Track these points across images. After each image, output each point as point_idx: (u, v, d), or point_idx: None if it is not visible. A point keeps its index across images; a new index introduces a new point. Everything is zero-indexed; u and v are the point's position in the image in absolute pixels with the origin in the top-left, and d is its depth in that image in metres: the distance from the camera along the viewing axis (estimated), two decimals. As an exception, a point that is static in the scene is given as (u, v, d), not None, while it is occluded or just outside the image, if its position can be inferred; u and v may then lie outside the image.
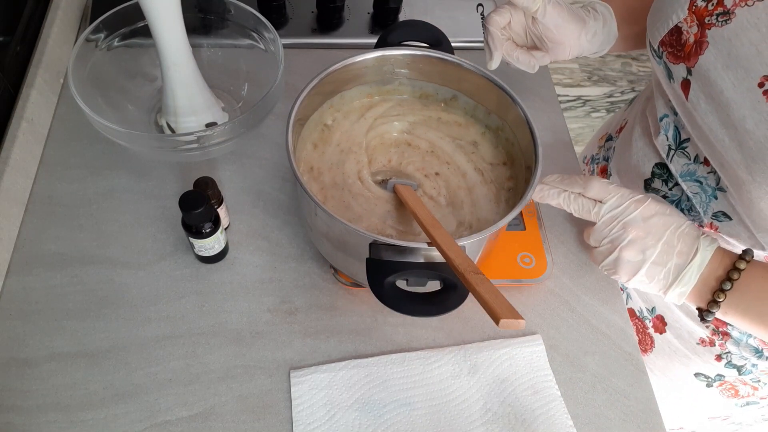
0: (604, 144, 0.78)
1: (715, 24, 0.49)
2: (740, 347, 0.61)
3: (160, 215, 0.61)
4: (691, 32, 0.51)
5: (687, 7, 0.52)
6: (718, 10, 0.49)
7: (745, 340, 0.61)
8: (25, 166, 0.60)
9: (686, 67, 0.52)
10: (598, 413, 0.53)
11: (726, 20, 0.48)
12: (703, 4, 0.50)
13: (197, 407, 0.51)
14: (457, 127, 0.60)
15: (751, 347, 0.61)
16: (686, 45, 0.52)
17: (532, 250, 0.60)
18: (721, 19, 0.48)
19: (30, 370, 0.51)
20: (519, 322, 0.35)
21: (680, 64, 0.53)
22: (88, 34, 0.60)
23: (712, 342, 0.63)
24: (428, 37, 0.58)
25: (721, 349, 0.63)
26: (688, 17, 0.52)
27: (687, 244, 0.49)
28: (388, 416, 0.51)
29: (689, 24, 0.51)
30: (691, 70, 0.52)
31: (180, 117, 0.62)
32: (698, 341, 0.65)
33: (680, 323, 0.66)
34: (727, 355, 0.63)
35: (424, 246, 0.44)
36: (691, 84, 0.52)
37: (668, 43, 0.54)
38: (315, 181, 0.55)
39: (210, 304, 0.56)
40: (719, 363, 0.64)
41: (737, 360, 0.63)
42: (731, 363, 0.63)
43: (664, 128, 0.60)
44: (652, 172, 0.63)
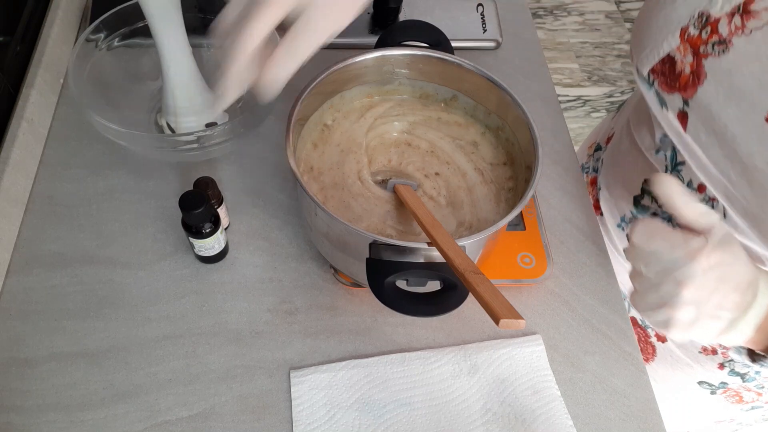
0: (593, 153, 0.76)
1: (711, 54, 0.46)
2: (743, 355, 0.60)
3: (160, 215, 0.61)
4: (686, 62, 0.48)
5: (678, 35, 0.48)
6: (713, 39, 0.46)
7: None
8: (25, 166, 0.60)
9: (682, 98, 0.49)
10: (598, 413, 0.53)
11: (723, 50, 0.45)
12: (695, 32, 0.47)
13: (197, 407, 0.51)
14: (457, 127, 0.60)
15: None
16: (681, 76, 0.49)
17: (532, 250, 0.60)
18: (718, 48, 0.45)
19: (30, 370, 0.51)
20: (519, 322, 0.35)
21: (675, 94, 0.50)
22: (88, 34, 0.60)
23: (714, 351, 0.63)
24: (428, 37, 0.58)
25: (724, 358, 0.62)
26: (680, 46, 0.48)
27: (746, 291, 0.42)
28: (388, 416, 0.51)
29: (683, 53, 0.48)
30: (689, 101, 0.49)
31: (180, 117, 0.62)
32: (700, 350, 0.64)
33: None
34: (730, 363, 0.62)
35: (424, 246, 0.44)
36: (688, 116, 0.49)
37: (660, 72, 0.51)
38: (315, 181, 0.55)
39: (210, 304, 0.56)
40: (722, 371, 0.64)
41: (740, 368, 0.62)
42: (734, 371, 0.63)
43: (664, 148, 0.58)
44: (642, 189, 0.61)
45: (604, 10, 2.26)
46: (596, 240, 0.64)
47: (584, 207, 0.66)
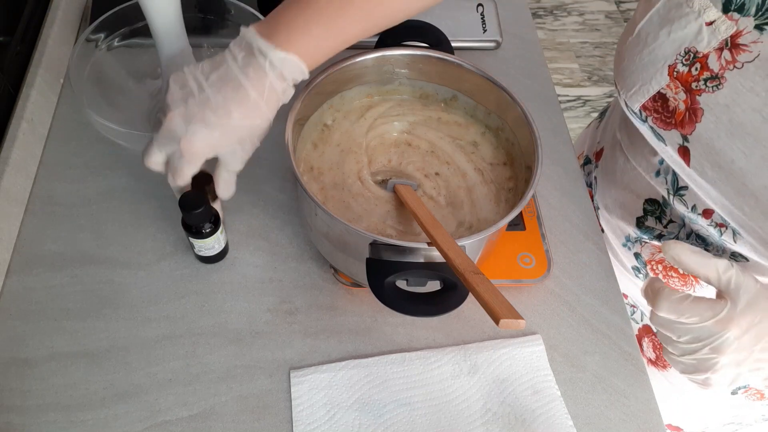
0: (583, 166, 0.75)
1: (705, 90, 0.45)
2: None
3: (160, 215, 0.61)
4: (679, 99, 0.47)
5: (667, 73, 0.47)
6: (705, 74, 0.44)
7: None
8: (25, 166, 0.60)
9: (681, 134, 0.48)
10: (598, 413, 0.53)
11: (717, 86, 0.44)
12: (684, 69, 0.46)
13: (197, 407, 0.51)
14: (457, 127, 0.60)
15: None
16: (677, 112, 0.47)
17: (532, 250, 0.60)
18: (711, 84, 0.44)
19: (30, 370, 0.51)
20: (519, 322, 0.35)
21: (672, 130, 0.48)
22: (88, 34, 0.60)
23: None
24: (428, 37, 0.58)
25: None
26: (670, 83, 0.47)
27: None
28: (388, 416, 0.51)
29: (674, 90, 0.47)
30: (688, 137, 0.47)
31: (180, 117, 0.62)
32: None
33: None
34: None
35: (424, 246, 0.44)
36: (690, 152, 0.48)
37: (653, 109, 0.50)
38: (315, 181, 0.55)
39: (210, 304, 0.56)
40: None
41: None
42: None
43: (664, 171, 0.56)
44: (644, 209, 0.60)
45: (604, 10, 2.26)
46: (596, 240, 0.64)
47: (584, 207, 0.66)
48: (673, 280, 0.62)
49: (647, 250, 0.63)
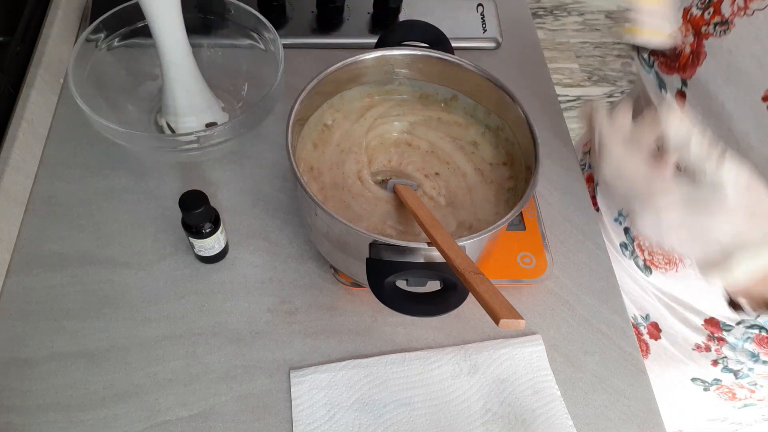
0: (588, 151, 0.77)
1: (712, 34, 0.47)
2: (736, 352, 0.61)
3: (160, 215, 0.61)
4: (687, 42, 0.49)
5: (681, 16, 0.49)
6: (716, 19, 0.47)
7: (741, 345, 0.60)
8: (25, 166, 0.60)
9: (681, 78, 0.50)
10: (598, 413, 0.53)
11: (724, 30, 0.46)
12: (698, 12, 0.48)
13: (197, 407, 0.51)
14: (457, 127, 0.60)
15: (747, 352, 0.61)
16: (682, 55, 0.50)
17: (532, 250, 0.60)
18: (719, 29, 0.46)
19: (30, 370, 0.51)
20: (519, 322, 0.35)
21: (674, 75, 0.51)
22: (88, 34, 0.60)
23: (708, 348, 0.63)
24: (428, 37, 0.58)
25: (717, 355, 0.63)
26: (682, 26, 0.49)
27: None
28: (388, 416, 0.51)
29: (684, 33, 0.49)
30: (687, 81, 0.50)
31: (180, 117, 0.62)
32: (693, 347, 0.65)
33: (675, 329, 0.66)
34: (724, 360, 0.63)
35: (424, 246, 0.44)
36: (686, 96, 0.50)
37: (660, 53, 0.52)
38: (315, 181, 0.55)
39: (210, 304, 0.56)
40: (715, 368, 0.64)
41: (733, 365, 0.63)
42: (728, 368, 0.63)
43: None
44: None
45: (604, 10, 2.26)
46: (596, 240, 0.64)
47: (584, 207, 0.66)
48: (657, 257, 0.63)
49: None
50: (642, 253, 0.64)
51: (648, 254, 0.64)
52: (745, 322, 0.60)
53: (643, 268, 0.65)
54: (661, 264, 0.63)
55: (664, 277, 0.63)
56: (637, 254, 0.65)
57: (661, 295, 0.66)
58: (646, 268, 0.65)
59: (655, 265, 0.63)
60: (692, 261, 0.44)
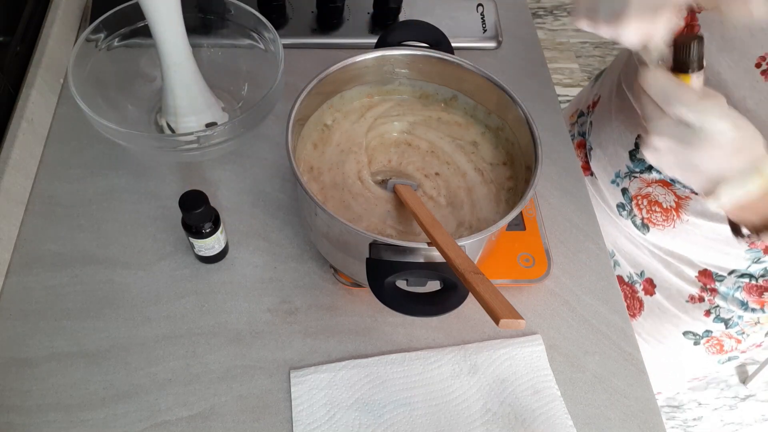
0: (576, 120, 0.79)
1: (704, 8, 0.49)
2: (727, 301, 0.64)
3: (160, 215, 0.61)
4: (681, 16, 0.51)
5: None
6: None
7: (731, 294, 0.63)
8: (25, 166, 0.60)
9: None
10: (598, 413, 0.53)
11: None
12: None
13: (197, 407, 0.51)
14: (457, 127, 0.60)
15: (738, 300, 0.64)
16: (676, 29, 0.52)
17: (532, 250, 0.60)
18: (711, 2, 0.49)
19: (30, 370, 0.51)
20: (519, 322, 0.35)
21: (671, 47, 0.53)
22: (88, 34, 0.60)
23: (701, 298, 0.66)
24: (428, 37, 0.58)
25: (710, 305, 0.66)
26: None
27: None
28: (388, 416, 0.51)
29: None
30: None
31: (180, 117, 0.62)
32: (687, 299, 0.67)
33: (669, 283, 0.68)
34: (716, 309, 0.65)
35: (424, 246, 0.44)
36: None
37: None
38: (315, 181, 0.55)
39: (210, 304, 0.56)
40: (708, 318, 0.67)
41: (725, 314, 0.65)
42: (719, 317, 0.66)
43: None
44: (636, 143, 0.64)
45: (604, 10, 2.26)
46: (596, 240, 0.64)
47: (584, 207, 0.66)
48: (656, 214, 0.65)
49: (635, 185, 0.66)
50: (640, 212, 0.66)
51: (646, 212, 0.66)
52: (737, 272, 0.62)
53: (641, 226, 0.67)
54: (659, 221, 0.65)
55: (661, 234, 0.65)
56: (634, 213, 0.67)
57: (657, 251, 0.68)
58: (643, 226, 0.67)
59: (653, 222, 0.65)
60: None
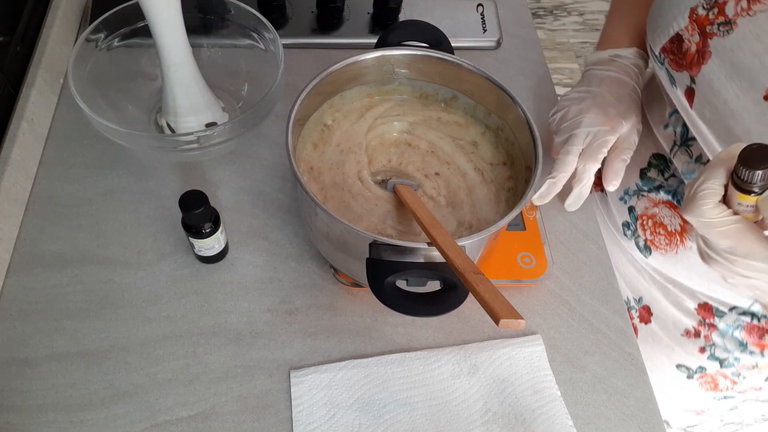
0: None
1: (716, 34, 0.48)
2: (725, 339, 0.62)
3: (160, 215, 0.61)
4: (693, 41, 0.51)
5: (687, 15, 0.51)
6: (720, 19, 0.48)
7: (731, 332, 0.61)
8: (25, 166, 0.60)
9: (689, 75, 0.52)
10: (598, 413, 0.53)
11: (728, 30, 0.47)
12: (704, 12, 0.49)
13: (197, 407, 0.51)
14: (457, 127, 0.60)
15: (736, 340, 0.62)
16: (688, 54, 0.51)
17: (532, 250, 0.60)
18: (723, 29, 0.48)
19: (30, 370, 0.51)
20: (519, 322, 0.35)
21: (683, 72, 0.52)
22: (88, 34, 0.60)
23: (698, 333, 0.64)
24: (428, 37, 0.58)
25: (706, 341, 0.64)
26: (688, 25, 0.51)
27: None
28: (388, 416, 0.51)
29: (690, 32, 0.51)
30: (695, 79, 0.51)
31: (180, 117, 0.62)
32: (683, 332, 0.66)
33: (666, 314, 0.67)
34: (711, 347, 0.64)
35: (424, 246, 0.44)
36: (695, 93, 0.51)
37: (669, 51, 0.54)
38: (315, 181, 0.55)
39: (210, 304, 0.56)
40: (702, 355, 0.65)
41: (720, 353, 0.64)
42: (714, 355, 0.64)
43: (673, 124, 0.60)
44: (649, 162, 0.63)
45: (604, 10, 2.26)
46: (596, 240, 0.64)
47: (584, 207, 0.66)
48: (659, 237, 0.64)
49: (642, 204, 0.65)
50: (644, 233, 0.65)
51: (650, 234, 0.65)
52: (738, 309, 0.61)
53: (643, 248, 0.66)
54: (662, 245, 0.63)
55: (663, 258, 0.64)
56: (638, 234, 0.66)
57: (658, 277, 0.67)
58: (646, 248, 0.66)
59: (655, 245, 0.64)
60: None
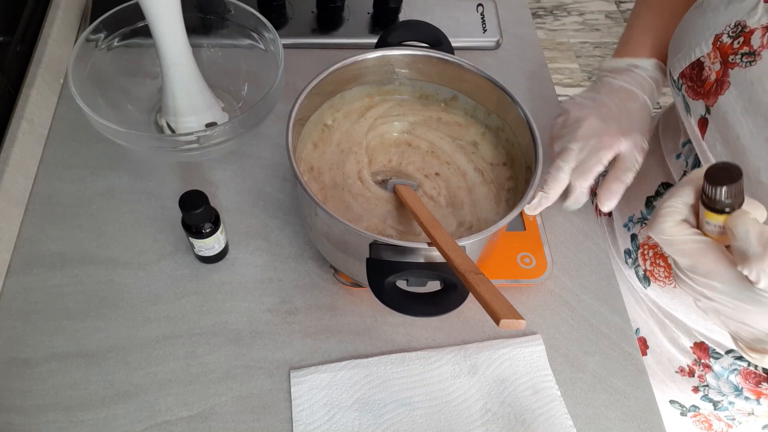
0: None
1: (738, 64, 0.46)
2: (720, 382, 0.61)
3: (160, 215, 0.61)
4: (713, 69, 0.49)
5: (711, 42, 0.49)
6: (744, 49, 0.46)
7: (726, 376, 0.60)
8: (25, 166, 0.60)
9: (705, 104, 0.50)
10: (598, 413, 0.53)
11: (751, 61, 0.45)
12: (728, 40, 0.47)
13: (197, 407, 0.51)
14: (457, 127, 0.60)
15: (731, 384, 0.60)
16: (707, 82, 0.49)
17: (532, 250, 0.60)
18: (746, 59, 0.46)
19: (30, 370, 0.51)
20: (519, 322, 0.35)
21: (699, 100, 0.51)
22: (88, 34, 0.60)
23: (692, 372, 0.63)
24: (428, 37, 0.58)
25: (700, 381, 0.63)
26: (711, 53, 0.49)
27: None
28: (388, 416, 0.51)
29: (712, 60, 0.49)
30: (710, 108, 0.49)
31: (180, 117, 0.62)
32: (677, 369, 0.64)
33: (662, 348, 0.65)
34: (705, 389, 0.62)
35: (424, 246, 0.44)
36: (708, 123, 0.50)
37: (688, 77, 0.52)
38: (315, 181, 0.55)
39: (210, 304, 0.56)
40: (696, 394, 0.64)
41: (714, 395, 0.62)
42: (708, 397, 0.63)
43: (686, 154, 0.58)
44: (657, 191, 0.62)
45: (604, 10, 2.26)
46: (596, 240, 0.64)
47: (584, 207, 0.66)
48: (659, 269, 0.62)
49: (645, 233, 0.64)
50: (644, 263, 0.63)
51: (650, 265, 0.63)
52: (735, 353, 0.59)
53: (643, 278, 0.64)
54: (660, 277, 0.62)
55: (661, 291, 0.62)
56: (638, 263, 0.64)
57: (656, 310, 0.65)
58: (645, 278, 0.64)
59: (654, 277, 0.62)
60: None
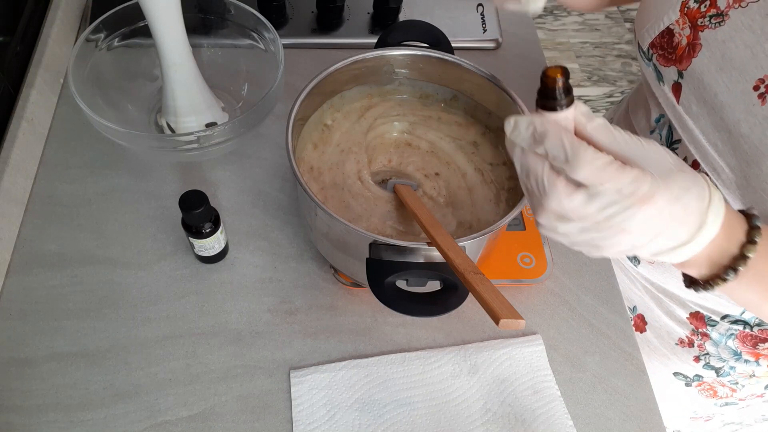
0: None
1: (708, 26, 0.48)
2: (719, 348, 0.61)
3: (160, 215, 0.61)
4: (684, 34, 0.51)
5: (679, 9, 0.51)
6: (712, 11, 0.48)
7: (724, 341, 0.61)
8: (25, 166, 0.60)
9: (678, 70, 0.51)
10: (598, 413, 0.53)
11: (719, 22, 0.47)
12: (695, 5, 0.49)
13: (197, 407, 0.51)
14: (457, 127, 0.60)
15: (730, 349, 0.61)
16: (678, 47, 0.51)
17: (532, 250, 0.60)
18: (715, 21, 0.48)
19: (30, 370, 0.51)
20: (519, 322, 0.35)
21: (671, 66, 0.52)
22: (88, 34, 0.60)
23: (691, 342, 0.63)
24: (428, 37, 0.58)
25: (700, 351, 0.63)
26: (680, 19, 0.51)
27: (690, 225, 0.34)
28: (388, 416, 0.51)
29: (681, 26, 0.51)
30: (683, 73, 0.51)
31: (180, 117, 0.62)
32: (677, 341, 0.65)
33: (660, 323, 0.66)
34: (706, 357, 0.63)
35: (424, 246, 0.44)
36: (682, 87, 0.51)
37: (659, 46, 0.54)
38: (315, 181, 0.55)
39: (210, 304, 0.56)
40: (697, 364, 0.64)
41: (715, 362, 0.63)
42: (709, 365, 0.64)
43: (660, 128, 0.60)
44: None
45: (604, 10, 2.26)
46: (596, 240, 0.64)
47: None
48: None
49: None
50: None
51: None
52: (730, 317, 0.60)
53: (632, 257, 0.65)
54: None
55: (651, 268, 0.64)
56: None
57: (649, 286, 0.66)
58: (633, 257, 0.65)
59: None
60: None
